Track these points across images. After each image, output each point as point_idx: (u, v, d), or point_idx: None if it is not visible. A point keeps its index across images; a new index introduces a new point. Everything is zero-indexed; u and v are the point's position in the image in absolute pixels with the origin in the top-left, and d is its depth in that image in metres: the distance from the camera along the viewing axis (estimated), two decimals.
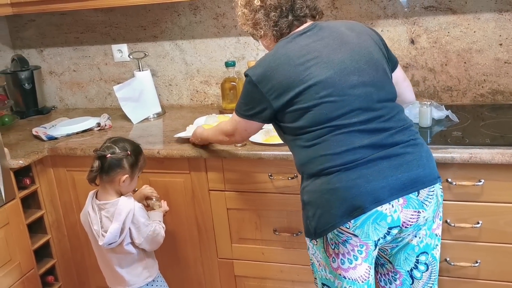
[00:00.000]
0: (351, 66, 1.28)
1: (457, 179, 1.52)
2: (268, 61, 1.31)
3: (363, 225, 1.23)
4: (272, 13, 1.33)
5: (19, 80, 2.40)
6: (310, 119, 1.26)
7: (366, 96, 1.27)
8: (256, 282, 1.89)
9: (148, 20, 2.30)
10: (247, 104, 1.36)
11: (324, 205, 1.25)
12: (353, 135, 1.24)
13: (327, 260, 1.30)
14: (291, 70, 1.27)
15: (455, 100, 2.02)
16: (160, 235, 1.64)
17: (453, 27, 1.94)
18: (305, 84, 1.25)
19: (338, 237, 1.25)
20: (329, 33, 1.33)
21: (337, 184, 1.23)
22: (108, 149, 1.54)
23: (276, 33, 1.37)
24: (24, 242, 1.89)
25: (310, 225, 1.29)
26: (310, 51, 1.28)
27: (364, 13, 2.02)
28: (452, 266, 1.62)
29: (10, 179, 1.83)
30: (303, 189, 1.32)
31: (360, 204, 1.21)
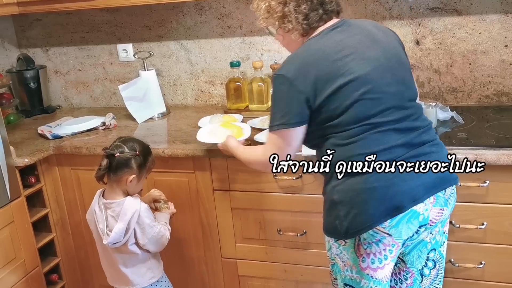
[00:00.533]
0: (385, 64, 1.27)
1: (462, 180, 1.52)
2: (302, 57, 1.26)
3: (398, 224, 1.23)
4: (303, 6, 1.28)
5: (25, 79, 2.41)
6: (350, 116, 1.22)
7: (399, 94, 1.27)
8: (260, 282, 1.89)
9: (154, 20, 2.31)
10: (284, 109, 1.26)
11: (360, 205, 1.21)
12: (388, 134, 1.24)
13: (356, 260, 1.27)
14: (329, 65, 1.22)
15: (460, 101, 2.02)
16: (164, 236, 1.64)
17: (459, 28, 1.94)
18: (345, 79, 1.21)
19: (373, 237, 1.23)
20: (359, 30, 1.31)
21: (375, 183, 1.20)
22: (117, 148, 1.55)
23: (305, 27, 1.30)
24: (28, 240, 1.90)
25: (341, 225, 1.24)
26: (346, 47, 1.25)
27: (369, 14, 2.02)
28: (456, 267, 1.61)
29: (15, 177, 1.84)
30: (332, 188, 1.26)
31: (398, 204, 1.21)
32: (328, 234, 1.31)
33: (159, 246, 1.65)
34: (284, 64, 1.28)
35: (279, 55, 2.17)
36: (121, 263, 1.64)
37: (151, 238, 1.60)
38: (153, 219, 1.63)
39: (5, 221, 1.79)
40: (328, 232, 1.30)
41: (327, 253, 1.36)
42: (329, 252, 1.35)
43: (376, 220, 1.20)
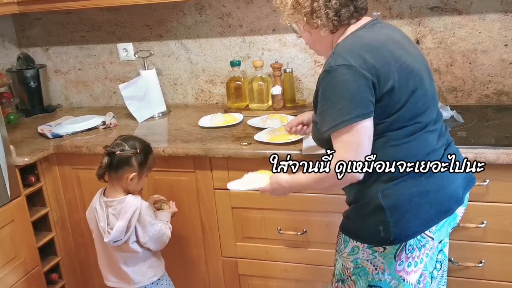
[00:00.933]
0: (423, 63, 1.27)
1: None
2: (359, 46, 1.17)
3: (441, 227, 1.22)
4: (334, 1, 1.20)
5: (25, 78, 2.41)
6: (406, 112, 1.17)
7: (434, 94, 1.28)
8: (260, 281, 1.89)
9: (154, 19, 2.31)
10: (355, 99, 1.12)
11: (413, 210, 1.17)
12: (433, 134, 1.23)
13: (392, 264, 1.22)
14: (388, 55, 1.16)
15: (460, 100, 2.02)
16: (165, 235, 1.64)
17: (459, 27, 1.94)
18: (403, 72, 1.16)
19: (419, 242, 1.20)
20: (394, 28, 1.31)
21: (428, 187, 1.18)
22: (118, 146, 1.55)
23: (335, 23, 1.23)
24: (29, 240, 1.90)
25: (387, 232, 1.17)
26: (396, 41, 1.22)
27: (369, 13, 2.01)
28: (456, 266, 1.62)
29: (15, 177, 1.84)
30: (378, 192, 1.19)
31: (447, 207, 1.21)
32: (361, 240, 1.23)
33: (160, 244, 1.65)
34: (338, 55, 1.16)
35: (279, 54, 2.18)
36: (122, 262, 1.64)
37: (152, 236, 1.60)
38: (154, 217, 1.63)
39: (5, 220, 1.79)
40: (363, 238, 1.22)
41: (347, 256, 1.27)
42: (351, 256, 1.26)
43: (427, 224, 1.19)
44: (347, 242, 1.27)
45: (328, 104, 1.16)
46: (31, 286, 1.91)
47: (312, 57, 2.15)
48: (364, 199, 1.22)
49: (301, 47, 2.15)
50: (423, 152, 1.20)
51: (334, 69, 1.14)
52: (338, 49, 1.19)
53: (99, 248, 1.69)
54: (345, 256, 1.29)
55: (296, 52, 2.16)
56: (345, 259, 1.29)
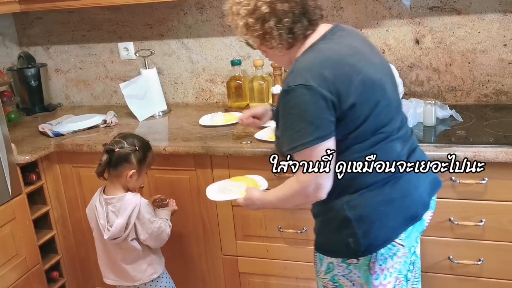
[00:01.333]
0: (386, 70, 1.25)
1: (461, 177, 1.53)
2: (318, 62, 1.14)
3: (410, 234, 1.22)
4: (285, 19, 1.16)
5: (26, 77, 2.42)
6: (370, 124, 1.15)
7: (397, 101, 1.26)
8: (260, 279, 1.90)
9: (155, 18, 2.32)
10: (313, 121, 1.10)
11: (380, 219, 1.16)
12: (397, 142, 1.21)
13: (369, 278, 1.21)
14: (349, 69, 1.13)
15: (459, 100, 2.03)
16: (165, 232, 1.64)
17: (458, 27, 1.95)
18: (364, 85, 1.13)
19: (390, 250, 1.20)
20: (356, 35, 1.27)
21: (393, 194, 1.17)
22: (117, 144, 1.56)
23: (291, 41, 1.19)
24: (29, 238, 1.91)
25: (357, 243, 1.17)
26: (356, 51, 1.18)
27: (369, 13, 2.03)
28: (455, 264, 1.63)
29: (16, 175, 1.85)
30: (344, 204, 1.18)
31: (414, 212, 1.20)
32: (333, 254, 1.23)
33: (159, 242, 1.66)
34: (297, 74, 1.13)
35: None
36: (121, 259, 1.65)
37: (152, 233, 1.61)
38: (154, 215, 1.64)
39: (6, 218, 1.80)
40: (334, 253, 1.22)
41: (324, 276, 1.27)
42: (328, 275, 1.26)
43: (396, 232, 1.18)
44: (322, 260, 1.27)
45: (287, 125, 1.14)
46: (32, 284, 1.91)
47: None
48: (331, 213, 1.21)
49: None
50: (389, 161, 1.18)
51: (293, 89, 1.11)
52: (296, 66, 1.16)
53: (99, 246, 1.70)
54: (323, 275, 1.28)
55: None
56: (323, 279, 1.29)
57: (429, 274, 1.67)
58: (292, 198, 1.21)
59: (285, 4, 1.16)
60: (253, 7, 1.17)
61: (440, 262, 1.64)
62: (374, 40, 2.05)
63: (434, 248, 1.64)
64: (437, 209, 1.58)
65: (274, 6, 1.16)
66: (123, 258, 1.65)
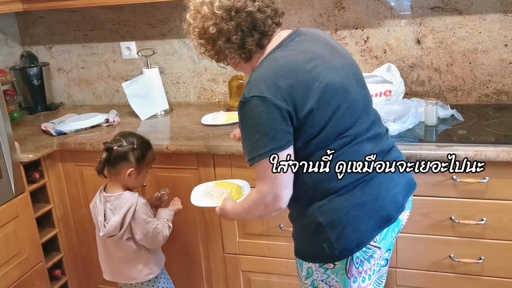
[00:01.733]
0: (349, 71, 1.23)
1: (462, 176, 1.54)
2: (273, 72, 1.13)
3: (386, 235, 1.22)
4: (234, 37, 1.17)
5: (28, 76, 2.43)
6: (331, 130, 1.15)
7: (365, 100, 1.25)
8: (262, 277, 1.91)
9: (157, 18, 2.32)
10: (268, 132, 1.11)
11: (352, 222, 1.16)
12: (364, 144, 1.20)
13: (346, 282, 1.21)
14: (304, 76, 1.13)
15: (460, 100, 2.04)
16: (160, 234, 1.62)
17: (459, 27, 1.96)
18: (322, 91, 1.13)
19: (365, 253, 1.20)
20: (317, 38, 1.25)
21: (363, 197, 1.17)
22: (115, 142, 1.58)
23: (246, 55, 1.21)
24: (32, 236, 1.92)
25: (331, 248, 1.17)
26: (314, 56, 1.17)
27: (371, 13, 2.04)
28: (456, 263, 1.64)
29: (20, 173, 1.85)
30: (315, 210, 1.18)
31: (387, 214, 1.19)
32: (311, 260, 1.23)
33: (153, 243, 1.64)
34: (252, 85, 1.14)
35: None
36: (118, 257, 1.66)
37: (147, 234, 1.60)
38: (151, 215, 1.63)
39: (9, 216, 1.81)
40: (311, 258, 1.22)
41: (305, 281, 1.28)
42: (308, 280, 1.26)
43: (369, 235, 1.18)
44: (302, 265, 1.27)
45: (245, 136, 1.16)
46: (35, 281, 1.92)
47: None
48: (305, 219, 1.21)
49: None
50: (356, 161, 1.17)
51: (248, 100, 1.12)
52: (252, 77, 1.16)
53: (99, 243, 1.71)
54: (303, 281, 1.28)
55: None
56: (304, 284, 1.29)
57: (430, 273, 1.68)
58: (254, 209, 1.23)
59: (231, 22, 1.16)
60: (201, 29, 1.20)
61: (441, 260, 1.65)
62: (375, 40, 2.07)
63: (435, 246, 1.65)
64: (438, 208, 1.61)
65: (220, 26, 1.17)
66: (120, 257, 1.66)
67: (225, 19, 1.16)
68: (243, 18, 1.16)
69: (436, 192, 1.59)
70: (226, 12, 1.16)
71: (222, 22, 1.16)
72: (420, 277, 1.70)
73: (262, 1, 1.18)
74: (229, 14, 1.16)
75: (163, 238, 1.64)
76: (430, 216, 1.62)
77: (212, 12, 1.17)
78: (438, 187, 1.58)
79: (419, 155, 1.55)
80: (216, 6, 1.16)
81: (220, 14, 1.16)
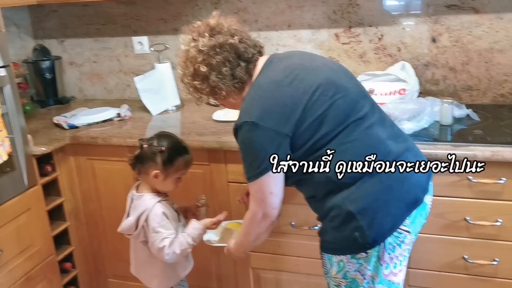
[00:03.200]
0: (334, 67, 1.30)
1: (478, 177, 1.53)
2: (258, 97, 1.22)
3: (415, 219, 1.22)
4: (224, 68, 1.26)
5: (41, 69, 2.44)
6: (332, 120, 1.19)
7: (357, 88, 1.29)
8: (272, 275, 1.90)
9: (169, 13, 2.32)
10: (258, 154, 1.19)
11: (382, 207, 1.17)
12: (375, 128, 1.23)
13: (379, 269, 1.21)
14: (287, 89, 1.20)
15: (475, 99, 2.02)
16: (164, 250, 1.49)
17: (475, 26, 1.94)
18: (310, 92, 1.20)
19: (397, 239, 1.20)
20: (293, 53, 1.37)
21: (390, 181, 1.18)
22: (148, 140, 1.56)
23: (238, 85, 1.29)
24: (44, 228, 1.92)
25: (363, 236, 1.17)
26: (293, 68, 1.24)
27: (386, 10, 2.02)
28: (469, 264, 1.62)
29: (32, 166, 1.86)
30: (344, 200, 1.19)
31: (415, 197, 1.21)
32: (342, 252, 1.22)
33: (160, 256, 1.53)
34: (242, 112, 1.24)
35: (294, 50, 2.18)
36: (138, 256, 1.64)
37: (152, 244, 1.52)
38: (165, 226, 1.52)
39: (22, 209, 1.81)
40: (343, 250, 1.22)
41: (335, 275, 1.26)
42: (339, 273, 1.25)
43: (400, 218, 1.19)
44: (331, 260, 1.26)
45: (242, 159, 1.26)
46: (46, 274, 1.93)
47: (327, 54, 2.15)
48: (333, 211, 1.22)
49: (316, 43, 2.15)
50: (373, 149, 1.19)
51: (239, 127, 1.23)
52: (242, 106, 1.27)
53: (131, 239, 1.67)
54: (334, 275, 1.27)
55: (311, 48, 2.16)
56: (334, 278, 1.28)
57: (442, 274, 1.67)
58: (250, 228, 1.34)
59: (217, 56, 1.26)
60: (193, 71, 1.29)
61: (454, 261, 1.64)
62: (389, 38, 2.05)
63: (449, 247, 1.63)
64: (452, 208, 1.59)
65: (210, 62, 1.27)
66: (139, 256, 1.64)
67: (212, 55, 1.26)
68: (227, 51, 1.26)
69: (451, 192, 1.57)
70: (211, 49, 1.26)
71: (210, 58, 1.27)
72: (433, 277, 1.68)
73: (241, 35, 1.30)
74: (214, 50, 1.26)
75: (168, 255, 1.50)
76: (444, 216, 1.60)
77: (198, 51, 1.27)
78: (453, 188, 1.57)
79: (435, 155, 1.53)
80: (201, 45, 1.27)
81: (206, 51, 1.26)
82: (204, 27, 1.29)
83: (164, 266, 1.61)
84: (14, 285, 1.78)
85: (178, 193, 1.79)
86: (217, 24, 1.29)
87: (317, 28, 2.13)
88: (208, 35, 1.27)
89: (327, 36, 2.13)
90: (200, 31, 1.29)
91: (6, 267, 1.75)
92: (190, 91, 1.35)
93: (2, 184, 1.74)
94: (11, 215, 1.77)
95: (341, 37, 2.11)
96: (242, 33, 1.31)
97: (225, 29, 1.28)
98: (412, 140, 1.34)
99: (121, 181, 1.96)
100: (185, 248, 1.52)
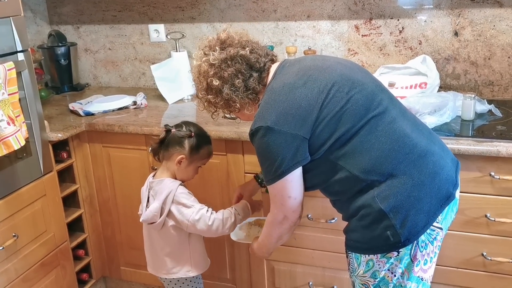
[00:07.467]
0: (347, 64, 1.29)
1: (501, 173, 1.50)
2: (272, 101, 1.20)
3: (446, 215, 1.20)
4: (237, 80, 1.26)
5: (56, 55, 2.42)
6: (351, 116, 1.16)
7: (374, 82, 1.27)
8: (286, 267, 1.90)
9: (187, 1, 2.29)
10: (275, 159, 1.17)
11: (415, 205, 1.14)
12: (398, 121, 1.19)
13: (410, 266, 1.19)
14: (301, 91, 1.18)
15: (496, 95, 1.99)
16: (202, 220, 1.51)
17: (499, 20, 1.90)
18: (325, 91, 1.17)
19: (430, 236, 1.18)
20: (304, 57, 1.35)
21: (422, 177, 1.15)
22: (176, 126, 1.56)
23: (252, 96, 1.29)
24: (58, 215, 1.92)
25: (397, 234, 1.14)
26: (306, 70, 1.23)
27: (408, 2, 1.99)
28: (488, 261, 1.60)
29: (48, 152, 1.86)
30: (374, 198, 1.15)
31: (447, 192, 1.18)
32: (372, 252, 1.19)
33: (198, 225, 1.52)
34: (257, 118, 1.22)
35: (312, 41, 2.15)
36: (161, 247, 1.61)
37: (188, 219, 1.51)
38: (194, 200, 1.55)
39: (37, 194, 1.81)
40: (373, 250, 1.18)
41: (363, 274, 1.22)
42: (368, 272, 1.21)
43: (432, 215, 1.16)
44: (359, 259, 1.23)
45: (260, 163, 1.26)
46: (60, 260, 1.93)
47: (346, 45, 2.12)
48: (363, 210, 1.18)
49: (335, 35, 2.12)
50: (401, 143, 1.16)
51: (254, 132, 1.22)
52: (257, 112, 1.24)
53: (144, 232, 1.66)
54: (361, 274, 1.23)
55: (330, 40, 2.13)
56: (362, 278, 1.24)
57: (460, 270, 1.65)
58: (272, 230, 1.34)
59: (229, 69, 1.26)
60: (207, 86, 1.29)
61: (473, 258, 1.62)
62: (411, 30, 2.01)
63: (467, 244, 1.62)
64: (473, 204, 1.57)
65: (222, 75, 1.27)
66: (162, 247, 1.61)
67: (223, 68, 1.26)
68: (239, 62, 1.26)
69: (472, 188, 1.55)
70: (223, 61, 1.26)
71: (222, 71, 1.26)
72: (450, 274, 1.67)
73: (252, 45, 1.30)
74: (225, 63, 1.26)
75: (206, 226, 1.51)
76: (464, 212, 1.58)
77: (210, 65, 1.27)
78: (475, 184, 1.55)
79: (457, 150, 1.51)
80: (212, 59, 1.27)
81: (217, 64, 1.26)
82: (215, 41, 1.30)
83: (192, 253, 1.62)
84: (29, 270, 1.79)
85: (195, 182, 1.79)
86: (227, 37, 1.30)
87: (337, 19, 2.10)
88: (219, 49, 1.27)
89: (347, 27, 2.10)
90: (211, 45, 1.30)
91: (21, 252, 1.76)
92: (205, 105, 1.35)
93: (18, 169, 1.74)
94: (27, 201, 1.77)
95: (361, 29, 2.08)
96: (253, 43, 1.31)
97: (236, 41, 1.29)
98: (435, 133, 1.32)
99: (136, 169, 1.96)
100: (228, 217, 1.54)
